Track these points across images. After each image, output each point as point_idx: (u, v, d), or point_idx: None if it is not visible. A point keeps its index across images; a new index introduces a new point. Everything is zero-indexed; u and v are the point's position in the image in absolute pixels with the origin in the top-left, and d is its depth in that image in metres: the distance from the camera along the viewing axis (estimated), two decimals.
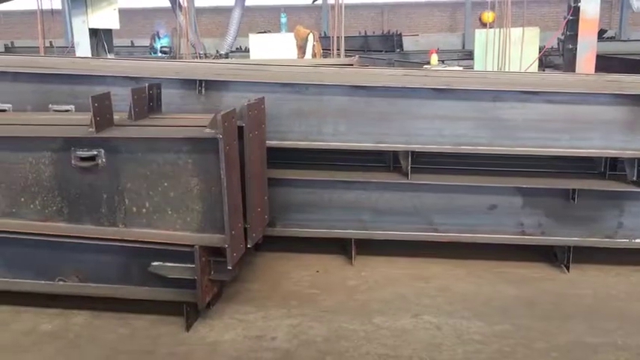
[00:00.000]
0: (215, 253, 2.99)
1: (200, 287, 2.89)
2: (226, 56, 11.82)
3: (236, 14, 12.19)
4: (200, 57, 11.20)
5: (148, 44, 19.90)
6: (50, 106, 3.92)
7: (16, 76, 4.01)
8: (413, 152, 3.68)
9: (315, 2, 16.76)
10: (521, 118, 3.60)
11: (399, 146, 3.70)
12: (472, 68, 11.32)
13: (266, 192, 3.47)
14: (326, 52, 10.95)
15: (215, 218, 2.92)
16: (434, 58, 13.13)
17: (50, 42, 16.79)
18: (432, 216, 3.78)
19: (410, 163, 3.67)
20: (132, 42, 21.30)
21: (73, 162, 2.97)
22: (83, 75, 3.96)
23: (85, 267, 3.09)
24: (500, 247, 3.81)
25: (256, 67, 4.66)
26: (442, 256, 3.84)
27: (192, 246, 2.90)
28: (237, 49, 14.45)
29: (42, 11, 10.86)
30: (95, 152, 2.95)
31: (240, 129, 3.04)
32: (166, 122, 3.27)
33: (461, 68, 10.41)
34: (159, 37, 17.21)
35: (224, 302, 3.23)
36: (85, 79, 3.96)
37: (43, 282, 3.10)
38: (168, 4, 16.80)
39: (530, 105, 3.59)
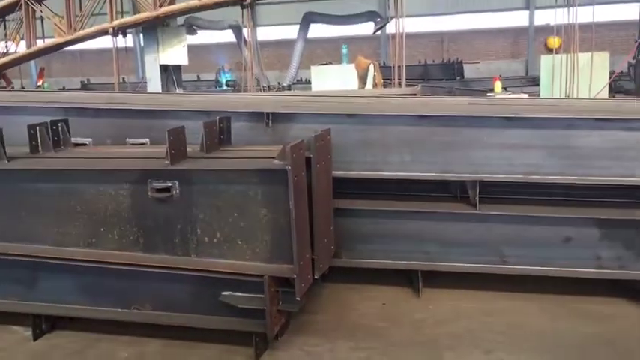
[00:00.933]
0: (283, 283, 3.02)
1: (269, 317, 2.92)
2: (289, 88, 12.09)
3: (298, 47, 12.50)
4: (264, 89, 11.50)
5: (213, 78, 20.74)
6: (127, 139, 4.12)
7: (97, 112, 4.25)
8: (481, 182, 3.61)
9: (376, 33, 16.94)
10: (596, 146, 3.47)
11: (466, 176, 3.65)
12: (538, 95, 11.05)
13: (332, 222, 3.48)
14: (386, 81, 11.02)
15: (283, 248, 2.96)
16: (497, 86, 12.93)
17: (123, 78, 17.76)
18: (502, 248, 3.67)
19: (478, 193, 3.61)
20: (198, 76, 22.17)
21: (149, 193, 3.10)
22: (158, 110, 4.16)
23: (158, 295, 3.19)
24: (574, 281, 3.65)
25: (321, 98, 4.76)
26: (512, 290, 3.72)
27: (262, 276, 2.94)
28: (298, 80, 14.75)
29: (117, 50, 11.49)
30: (170, 184, 3.07)
31: (308, 160, 3.08)
32: (236, 154, 3.37)
33: (526, 95, 10.18)
34: (224, 71, 17.92)
35: (291, 333, 3.24)
36: (159, 114, 4.16)
37: (119, 310, 3.22)
38: (231, 40, 17.50)
39: (605, 133, 3.46)
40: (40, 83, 20.35)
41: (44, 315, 3.36)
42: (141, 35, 12.05)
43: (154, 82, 10.72)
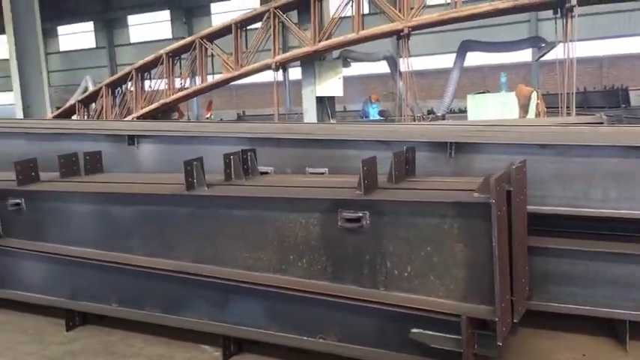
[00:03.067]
0: (479, 325, 2.81)
1: None
2: (443, 118, 11.85)
3: (454, 76, 12.27)
4: (417, 119, 11.39)
5: (358, 109, 21.10)
6: (307, 168, 4.21)
7: (278, 142, 4.41)
8: None
9: (539, 59, 16.15)
10: None
11: None
12: None
13: (527, 261, 3.21)
14: (550, 110, 10.35)
15: (482, 288, 2.76)
16: None
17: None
18: None
19: None
20: (344, 107, 22.70)
21: (339, 223, 3.08)
22: (337, 140, 4.20)
23: (344, 327, 3.13)
24: None
25: (500, 128, 4.50)
26: None
27: (457, 315, 2.76)
28: (450, 110, 14.45)
29: (277, 83, 12.12)
30: (361, 214, 3.03)
31: (507, 193, 2.87)
32: (425, 185, 3.26)
33: None
34: (371, 102, 18.11)
35: None
36: (338, 144, 4.20)
37: (305, 338, 3.21)
38: (379, 71, 17.72)
39: None
40: (207, 115, 22.16)
41: (233, 337, 3.46)
42: (289, 69, 12.62)
43: (310, 113, 11.12)
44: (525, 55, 21.69)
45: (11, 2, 11.37)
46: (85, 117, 14.28)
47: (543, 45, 11.93)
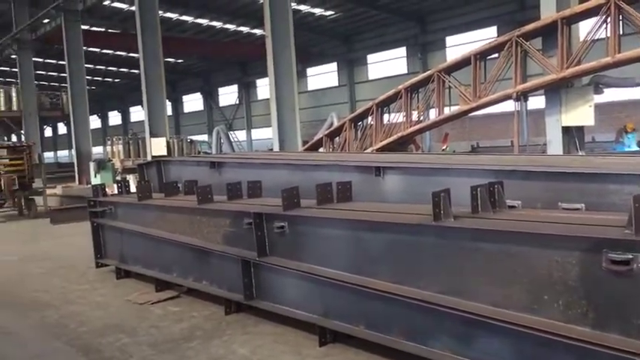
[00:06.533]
0: None
1: None
2: None
3: None
4: None
5: (608, 139, 19.00)
6: (560, 203, 3.94)
7: (528, 175, 4.22)
8: None
9: None
10: None
11: None
12: None
13: None
14: None
15: None
16: None
17: (511, 141, 17.94)
18: None
19: None
20: (592, 137, 20.68)
21: (603, 265, 2.81)
22: (595, 173, 3.86)
23: None
24: None
25: None
26: None
27: None
28: None
29: (518, 113, 11.64)
30: (630, 256, 2.71)
31: None
32: None
33: None
34: (627, 132, 16.17)
35: None
36: (595, 178, 3.85)
37: None
38: (634, 97, 15.71)
39: None
40: (444, 147, 22.35)
41: None
42: (521, 98, 11.97)
43: (555, 145, 10.37)
44: None
45: (273, 52, 13.12)
46: (330, 149, 15.55)
47: None
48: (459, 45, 28.66)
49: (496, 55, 12.56)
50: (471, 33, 28.44)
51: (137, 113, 50.00)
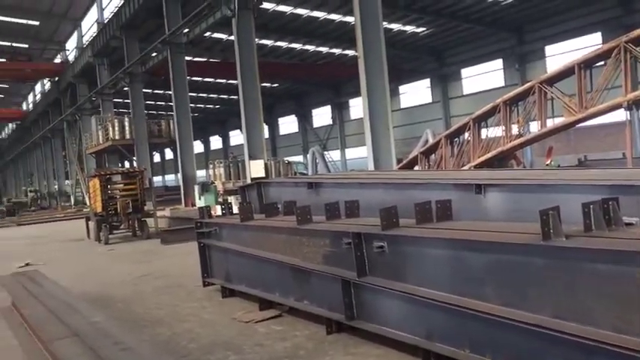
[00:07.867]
0: None
1: None
2: None
3: None
4: None
5: None
6: None
7: None
8: None
9: None
10: None
11: None
12: None
13: None
14: None
15: None
16: None
17: (623, 153, 16.76)
18: None
19: None
20: None
21: None
22: None
23: None
24: None
25: None
26: None
27: None
28: None
29: (630, 123, 10.87)
30: None
31: None
32: None
33: None
34: None
35: None
36: None
37: None
38: None
39: None
40: (547, 162, 21.34)
41: None
42: (633, 107, 11.12)
43: None
44: None
45: (366, 72, 13.23)
46: (426, 167, 15.33)
47: None
48: (560, 54, 27.36)
49: (602, 62, 11.86)
50: (572, 41, 27.07)
51: (236, 137, 52.26)
